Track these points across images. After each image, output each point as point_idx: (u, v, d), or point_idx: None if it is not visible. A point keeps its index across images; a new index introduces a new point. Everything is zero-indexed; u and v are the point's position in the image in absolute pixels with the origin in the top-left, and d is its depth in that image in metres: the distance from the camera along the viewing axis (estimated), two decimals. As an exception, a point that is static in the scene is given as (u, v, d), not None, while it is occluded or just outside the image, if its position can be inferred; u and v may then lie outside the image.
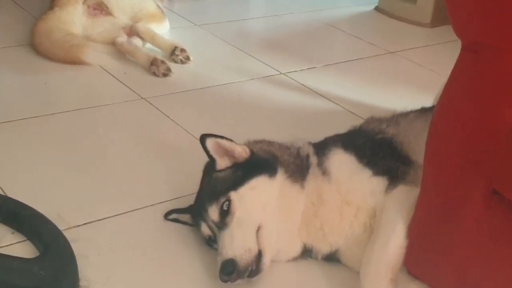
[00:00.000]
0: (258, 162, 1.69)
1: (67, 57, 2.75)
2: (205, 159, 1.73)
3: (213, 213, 1.62)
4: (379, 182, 1.63)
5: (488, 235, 1.31)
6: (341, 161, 1.70)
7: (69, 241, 1.65)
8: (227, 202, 1.60)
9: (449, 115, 1.30)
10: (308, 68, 2.98)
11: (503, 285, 1.32)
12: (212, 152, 1.68)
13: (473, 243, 1.33)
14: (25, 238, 1.70)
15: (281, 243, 1.65)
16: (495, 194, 1.26)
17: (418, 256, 1.48)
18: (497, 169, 1.23)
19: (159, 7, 3.16)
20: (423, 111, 1.94)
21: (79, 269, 1.58)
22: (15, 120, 2.31)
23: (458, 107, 1.27)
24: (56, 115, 2.37)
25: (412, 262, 1.50)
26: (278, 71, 2.92)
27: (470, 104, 1.25)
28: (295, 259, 1.71)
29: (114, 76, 2.72)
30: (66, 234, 1.69)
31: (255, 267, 1.56)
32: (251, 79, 2.83)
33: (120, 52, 2.86)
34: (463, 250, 1.35)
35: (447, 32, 2.20)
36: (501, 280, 1.32)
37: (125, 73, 2.75)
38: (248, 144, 1.78)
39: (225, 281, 1.53)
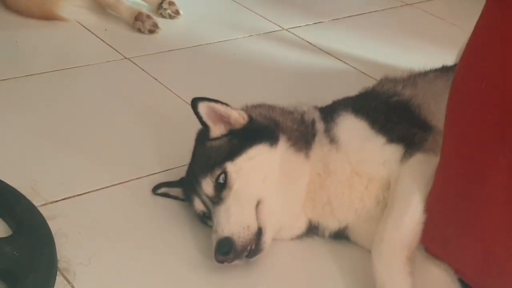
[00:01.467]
0: (257, 129, 1.68)
1: (40, 11, 2.72)
2: (198, 126, 1.72)
3: (208, 186, 1.62)
4: (394, 151, 1.63)
5: (516, 209, 1.31)
6: (351, 127, 1.70)
7: (46, 218, 1.65)
8: (223, 175, 1.61)
9: (474, 73, 1.29)
10: (314, 23, 2.96)
11: (532, 264, 1.33)
12: (205, 118, 1.67)
13: (500, 217, 1.33)
14: (-4, 216, 1.71)
15: (283, 220, 1.65)
16: (525, 162, 1.26)
17: (437, 233, 1.49)
18: (527, 134, 1.23)
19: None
20: (444, 70, 1.94)
21: (57, 249, 1.58)
22: (-18, 84, 2.30)
23: (484, 63, 1.26)
24: (29, 78, 2.36)
25: (430, 239, 1.51)
26: (280, 26, 2.90)
27: (498, 60, 1.24)
28: (300, 237, 1.72)
29: (93, 33, 2.70)
30: (42, 210, 1.70)
31: (254, 246, 1.56)
32: (249, 35, 2.81)
33: (100, 6, 2.83)
34: (488, 225, 1.36)
35: (473, -20, 2.18)
36: (529, 259, 1.33)
37: (106, 30, 2.73)
38: (246, 109, 1.78)
39: (221, 262, 1.54)
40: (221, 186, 1.61)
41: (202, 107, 1.66)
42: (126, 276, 1.58)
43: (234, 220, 1.56)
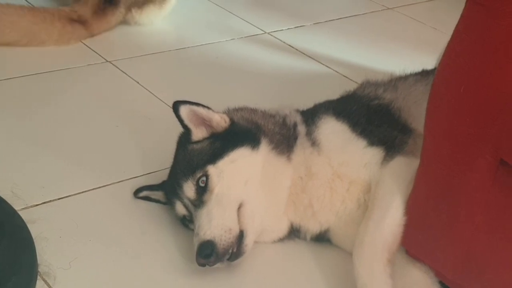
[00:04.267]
0: (239, 132, 1.68)
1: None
2: (179, 129, 1.72)
3: (189, 189, 1.62)
4: (375, 153, 1.64)
5: (495, 210, 1.32)
6: (332, 130, 1.71)
7: (26, 222, 1.64)
8: (204, 177, 1.60)
9: (453, 76, 1.30)
10: (296, 27, 2.97)
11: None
12: (186, 121, 1.67)
13: (478, 218, 1.34)
14: (-25, 220, 1.69)
15: (265, 222, 1.65)
16: (503, 164, 1.27)
17: (418, 235, 1.50)
18: (506, 136, 1.24)
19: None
20: (424, 74, 1.95)
21: (37, 253, 1.57)
22: (-39, 87, 2.28)
23: (463, 67, 1.27)
24: (9, 81, 2.34)
25: (411, 242, 1.51)
26: (262, 30, 2.90)
27: (476, 64, 1.25)
28: (281, 240, 1.72)
29: (75, 36, 2.68)
30: (22, 214, 1.68)
31: (236, 249, 1.56)
32: (232, 39, 2.81)
33: None
34: (468, 227, 1.37)
35: (452, -15, 2.20)
36: (509, 259, 1.34)
37: (87, 33, 2.71)
38: (228, 112, 1.78)
39: (203, 265, 1.54)
40: (202, 189, 1.60)
41: (184, 110, 1.66)
42: (107, 280, 1.57)
43: (215, 223, 1.55)
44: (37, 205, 1.77)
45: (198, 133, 1.68)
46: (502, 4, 1.20)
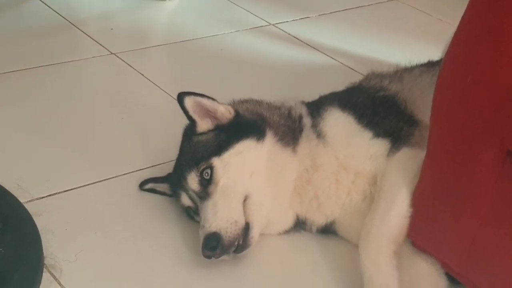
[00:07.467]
0: (244, 124, 1.68)
1: None
2: (185, 121, 1.72)
3: (193, 181, 1.62)
4: (381, 145, 1.64)
5: (501, 202, 1.32)
6: (338, 122, 1.70)
7: (32, 215, 1.65)
8: (208, 170, 1.60)
9: (459, 67, 1.30)
10: (301, 18, 2.96)
11: (518, 256, 1.34)
12: (191, 113, 1.67)
13: (485, 210, 1.34)
14: (-19, 212, 1.70)
15: (271, 215, 1.66)
16: (510, 156, 1.27)
17: (424, 226, 1.50)
18: (512, 128, 1.24)
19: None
20: (430, 65, 1.95)
21: (43, 245, 1.58)
22: (-34, 79, 2.29)
23: (469, 58, 1.27)
24: (14, 73, 2.35)
25: (417, 233, 1.51)
26: (266, 21, 2.89)
27: (482, 55, 1.24)
28: (287, 232, 1.72)
29: (79, 29, 2.68)
30: (28, 206, 1.69)
31: (242, 241, 1.56)
32: (236, 31, 2.81)
33: None
34: (473, 218, 1.36)
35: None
36: (515, 252, 1.34)
37: (91, 25, 2.71)
38: (233, 103, 1.78)
39: (209, 257, 1.54)
40: (207, 181, 1.60)
41: (188, 101, 1.66)
42: (113, 272, 1.58)
43: (221, 215, 1.56)
44: (42, 197, 1.77)
45: (203, 125, 1.68)
46: (507, -2, 1.20)
